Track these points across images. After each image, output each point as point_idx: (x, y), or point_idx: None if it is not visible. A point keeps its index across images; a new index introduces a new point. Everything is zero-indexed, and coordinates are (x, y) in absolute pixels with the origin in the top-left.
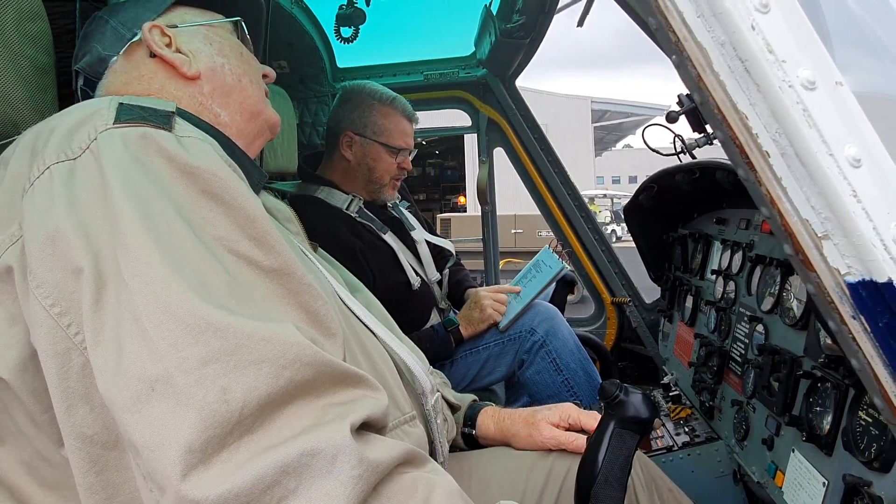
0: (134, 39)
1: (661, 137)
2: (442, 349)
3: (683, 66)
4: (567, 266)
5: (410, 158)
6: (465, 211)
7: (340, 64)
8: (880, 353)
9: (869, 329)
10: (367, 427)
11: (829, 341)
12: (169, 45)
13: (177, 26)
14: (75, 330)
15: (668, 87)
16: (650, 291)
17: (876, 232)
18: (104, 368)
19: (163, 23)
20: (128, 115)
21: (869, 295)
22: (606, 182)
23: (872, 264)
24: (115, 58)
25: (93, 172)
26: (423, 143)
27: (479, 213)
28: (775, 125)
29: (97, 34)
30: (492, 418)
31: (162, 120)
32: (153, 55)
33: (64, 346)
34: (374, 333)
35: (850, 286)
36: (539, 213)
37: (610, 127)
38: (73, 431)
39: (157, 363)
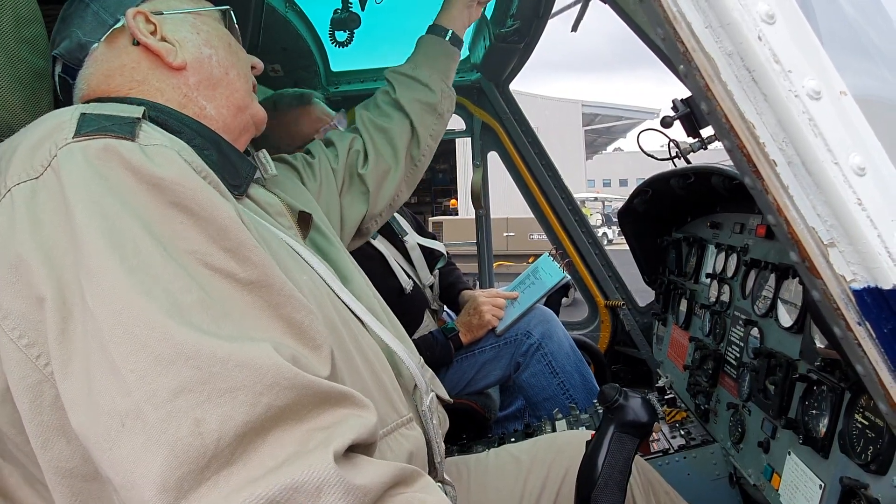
0: (117, 26)
1: (653, 141)
2: (442, 356)
3: (691, 75)
4: (567, 275)
5: (341, 124)
6: (457, 214)
7: (334, 67)
8: (885, 359)
9: (874, 335)
10: (354, 447)
11: (821, 345)
12: (154, 33)
13: (162, 13)
14: (45, 361)
15: (660, 91)
16: (643, 294)
17: (881, 239)
18: (75, 402)
19: (148, 9)
20: (89, 126)
21: (874, 301)
22: (597, 185)
23: (877, 271)
24: (97, 45)
25: (54, 192)
26: None
27: (471, 217)
28: (782, 134)
29: (76, 18)
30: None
31: (126, 129)
32: (137, 43)
33: (35, 378)
34: (367, 328)
35: (856, 293)
36: (530, 216)
37: (601, 130)
38: (52, 466)
39: (127, 397)
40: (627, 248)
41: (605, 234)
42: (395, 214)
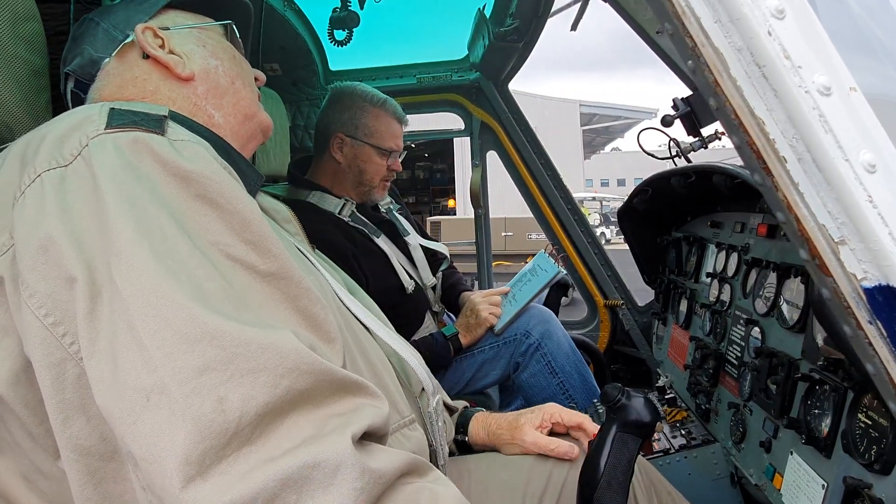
0: (126, 41)
1: (652, 140)
2: (440, 357)
3: (700, 71)
4: (563, 270)
5: (400, 160)
6: (455, 214)
7: (333, 67)
8: None
9: (885, 334)
10: (368, 436)
11: (823, 344)
12: (162, 47)
13: (169, 28)
14: (70, 340)
15: (658, 90)
16: (642, 294)
17: (892, 237)
18: (100, 379)
19: (155, 24)
20: (119, 119)
21: (885, 300)
22: (595, 185)
23: (889, 269)
24: (108, 60)
25: (85, 179)
26: (412, 146)
27: (468, 216)
28: (792, 130)
29: (88, 36)
30: (482, 424)
31: (154, 124)
32: (146, 57)
33: (59, 356)
34: (373, 334)
35: (867, 291)
36: (529, 215)
37: (599, 130)
38: (70, 443)
39: (152, 373)
40: (626, 247)
41: (602, 233)
42: (398, 215)
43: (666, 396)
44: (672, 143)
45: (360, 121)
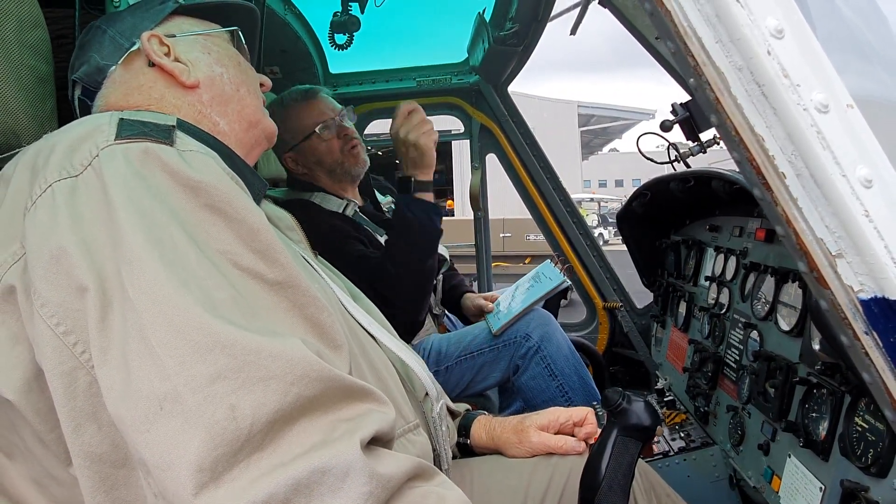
0: (132, 49)
1: (649, 142)
2: (424, 230)
3: (701, 88)
4: (567, 280)
5: (347, 118)
6: (453, 215)
7: (333, 70)
8: (892, 367)
9: (881, 344)
10: (375, 441)
11: (819, 349)
12: (168, 55)
13: (175, 36)
14: (81, 348)
15: (657, 91)
16: (641, 296)
17: (887, 251)
18: (112, 387)
19: (161, 32)
20: (129, 130)
21: (881, 311)
22: (593, 186)
23: (885, 282)
24: (114, 67)
25: (95, 189)
26: None
27: (466, 217)
28: (791, 147)
29: (94, 44)
30: (484, 427)
31: (163, 134)
32: (152, 64)
33: (70, 365)
34: (377, 340)
35: (863, 303)
36: (527, 216)
37: (597, 131)
38: (82, 451)
39: (165, 381)
40: (624, 248)
41: (601, 234)
42: None
43: (665, 399)
44: (671, 147)
45: (289, 132)
